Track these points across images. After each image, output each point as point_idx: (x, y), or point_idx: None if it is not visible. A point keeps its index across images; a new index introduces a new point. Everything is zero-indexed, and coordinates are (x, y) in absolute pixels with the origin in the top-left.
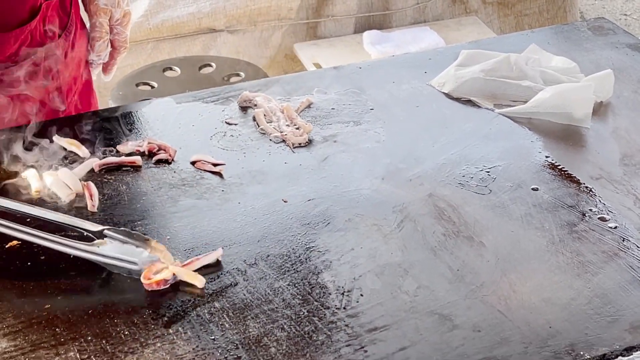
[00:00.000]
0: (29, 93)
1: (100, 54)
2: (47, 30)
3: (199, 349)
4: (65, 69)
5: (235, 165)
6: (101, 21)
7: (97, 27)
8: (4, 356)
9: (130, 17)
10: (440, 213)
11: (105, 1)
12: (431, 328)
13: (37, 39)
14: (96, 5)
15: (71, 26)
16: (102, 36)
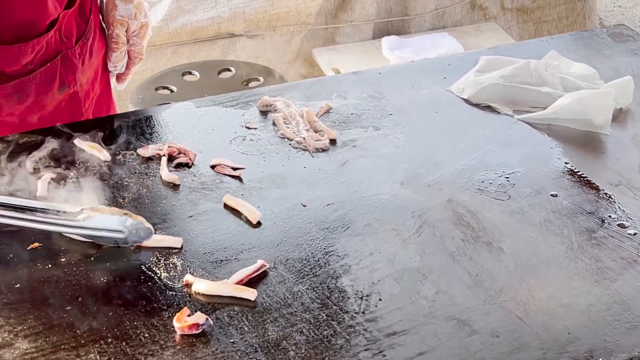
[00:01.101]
0: (46, 100)
1: (117, 64)
2: (63, 38)
3: (218, 352)
4: (82, 75)
5: (255, 169)
6: (118, 32)
7: (114, 38)
8: (24, 357)
9: (147, 29)
10: (459, 218)
11: (122, 13)
12: (450, 333)
13: (52, 47)
14: (113, 17)
15: (89, 33)
16: (119, 47)
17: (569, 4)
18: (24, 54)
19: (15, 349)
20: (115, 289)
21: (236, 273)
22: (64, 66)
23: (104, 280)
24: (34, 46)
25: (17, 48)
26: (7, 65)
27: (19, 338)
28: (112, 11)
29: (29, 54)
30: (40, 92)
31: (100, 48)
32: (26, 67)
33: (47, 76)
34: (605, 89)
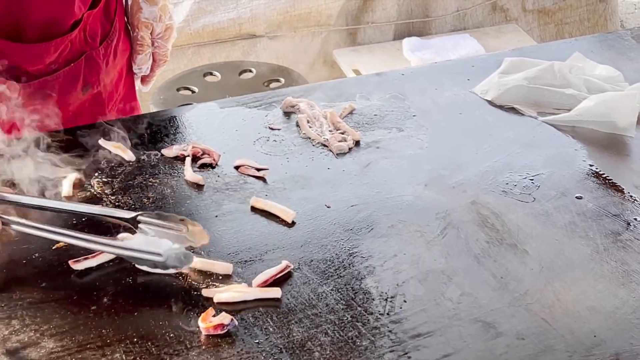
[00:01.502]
0: (69, 100)
1: (142, 66)
2: (87, 38)
3: (244, 352)
4: (106, 76)
5: (279, 170)
6: (143, 35)
7: (139, 40)
8: (51, 356)
9: (172, 32)
10: (483, 220)
11: (147, 15)
12: (475, 335)
13: (76, 47)
14: (138, 19)
15: (113, 34)
16: (144, 49)
17: (591, 6)
18: (47, 53)
19: (41, 348)
20: (141, 289)
21: (260, 274)
22: (88, 67)
23: (130, 280)
24: (58, 45)
25: (41, 47)
26: (30, 64)
27: (45, 337)
28: (137, 13)
29: (53, 53)
30: (63, 92)
31: (124, 49)
32: (50, 67)
33: (70, 76)
34: (629, 91)
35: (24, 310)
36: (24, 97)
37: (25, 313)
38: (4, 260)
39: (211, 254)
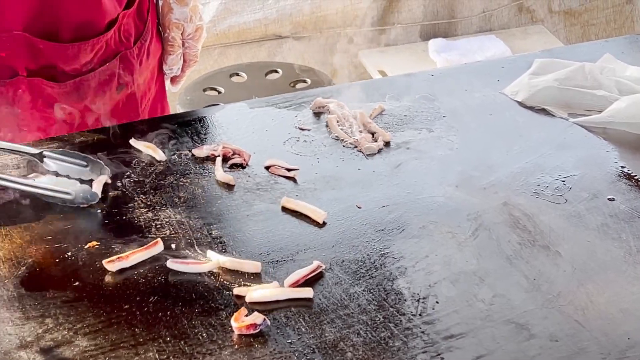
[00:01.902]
0: (104, 100)
1: (173, 67)
2: (122, 38)
3: (276, 352)
4: (140, 76)
5: (309, 170)
6: (174, 35)
7: (170, 41)
8: (84, 355)
9: (202, 32)
10: (515, 222)
11: (178, 16)
12: (508, 337)
13: (111, 47)
14: (169, 20)
15: (147, 34)
16: (175, 50)
17: (617, 7)
18: (83, 53)
19: (75, 346)
20: (173, 288)
21: (292, 274)
22: (123, 66)
23: (162, 279)
24: (93, 45)
25: (77, 47)
26: (66, 63)
27: (78, 336)
28: (168, 14)
29: (89, 53)
30: (98, 92)
31: (157, 49)
32: (85, 66)
33: (105, 76)
34: None
35: (58, 309)
36: (60, 97)
37: (58, 312)
38: (37, 259)
39: (242, 253)
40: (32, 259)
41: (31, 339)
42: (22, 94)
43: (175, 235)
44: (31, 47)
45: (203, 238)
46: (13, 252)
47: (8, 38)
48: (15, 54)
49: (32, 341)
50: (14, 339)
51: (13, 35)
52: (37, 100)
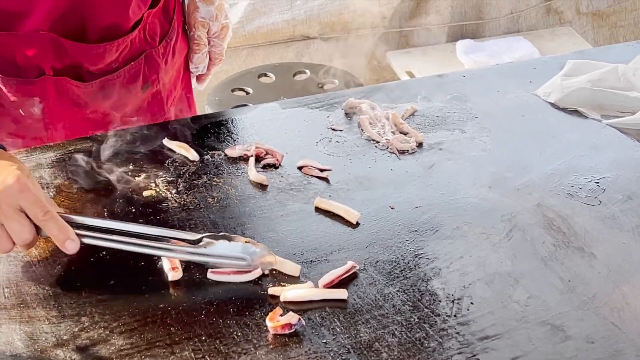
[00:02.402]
0: (129, 99)
1: (199, 65)
2: (147, 37)
3: (311, 352)
4: (165, 75)
5: (342, 171)
6: (199, 34)
7: (196, 39)
8: (120, 353)
9: (228, 31)
10: (549, 223)
11: (204, 14)
12: (543, 338)
13: (136, 46)
14: (195, 18)
15: (172, 33)
16: (200, 49)
17: None
18: (109, 53)
19: (111, 345)
20: (208, 288)
21: (327, 274)
22: (148, 65)
23: (197, 278)
24: (119, 45)
25: (103, 47)
26: (92, 63)
27: (114, 334)
28: (193, 13)
29: (114, 53)
30: (124, 90)
31: (182, 48)
32: (111, 66)
33: (131, 75)
34: None
35: (93, 308)
36: (86, 96)
37: (94, 310)
38: (72, 258)
39: (276, 254)
40: (67, 258)
41: (67, 338)
42: (49, 93)
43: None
44: (57, 46)
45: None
46: (49, 251)
47: (35, 37)
48: (42, 54)
49: (68, 340)
50: (50, 337)
51: (40, 34)
52: (63, 99)
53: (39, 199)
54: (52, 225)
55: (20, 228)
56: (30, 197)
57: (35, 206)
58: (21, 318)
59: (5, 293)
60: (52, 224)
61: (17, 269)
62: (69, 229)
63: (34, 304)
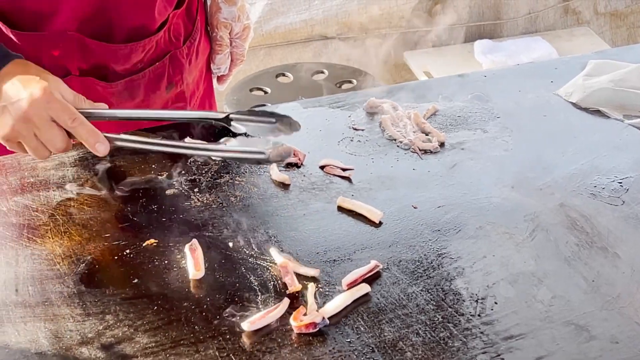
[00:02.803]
0: (153, 98)
1: (221, 66)
2: (172, 38)
3: (335, 351)
4: (189, 75)
5: (364, 170)
6: (222, 35)
7: (218, 40)
8: (145, 351)
9: (249, 32)
10: (572, 223)
11: (226, 15)
12: (568, 338)
13: (161, 47)
14: (217, 19)
15: (196, 34)
16: (222, 49)
17: None
18: (135, 53)
19: (135, 343)
20: (232, 286)
21: (350, 273)
22: (172, 65)
23: (222, 277)
24: (145, 46)
25: (129, 47)
26: (118, 63)
27: (138, 332)
28: (216, 14)
29: (140, 53)
30: (148, 91)
31: (205, 48)
32: (136, 66)
33: (155, 75)
34: None
35: (117, 306)
36: (111, 96)
37: (118, 308)
38: (96, 256)
39: (299, 252)
40: (91, 256)
41: (92, 335)
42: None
43: (232, 234)
44: (84, 47)
45: (260, 237)
46: (72, 249)
47: (62, 38)
48: (68, 54)
49: (93, 337)
50: (75, 335)
51: (67, 35)
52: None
53: (67, 107)
54: (82, 130)
55: (52, 137)
56: (58, 106)
57: (64, 114)
58: (46, 316)
59: (29, 291)
60: (82, 129)
61: (41, 267)
62: (98, 132)
63: (58, 302)
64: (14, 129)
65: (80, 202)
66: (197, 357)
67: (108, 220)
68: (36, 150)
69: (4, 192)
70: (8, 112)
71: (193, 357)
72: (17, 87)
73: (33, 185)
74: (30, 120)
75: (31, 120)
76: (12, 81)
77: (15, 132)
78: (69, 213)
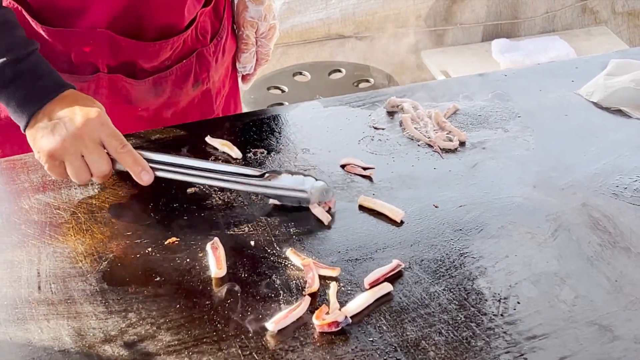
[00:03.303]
0: (180, 96)
1: (247, 65)
2: (199, 36)
3: (358, 350)
4: (215, 73)
5: (385, 169)
6: (248, 34)
7: (244, 39)
8: (168, 349)
9: (275, 31)
10: (595, 223)
11: (253, 14)
12: (591, 338)
13: (189, 44)
14: (244, 18)
15: (222, 32)
16: (248, 48)
17: None
18: (163, 51)
19: (158, 341)
20: (254, 285)
21: (372, 272)
22: (199, 63)
23: (244, 276)
24: (174, 43)
25: (158, 45)
26: (146, 61)
27: (161, 330)
28: (242, 12)
29: (168, 51)
30: (175, 88)
31: (231, 47)
32: (164, 63)
33: (182, 72)
34: None
35: (140, 304)
36: (138, 93)
37: (141, 306)
38: (118, 254)
39: (321, 251)
40: (113, 254)
41: (115, 333)
42: (102, 90)
43: (254, 232)
44: (113, 44)
45: (281, 235)
46: (94, 247)
47: (92, 35)
48: (98, 51)
49: (115, 335)
50: (98, 333)
51: (97, 32)
52: (115, 96)
53: (117, 133)
54: (129, 157)
55: (98, 159)
56: (110, 131)
57: (115, 139)
58: (68, 313)
59: (52, 288)
60: (129, 156)
61: (64, 264)
62: (144, 161)
63: (81, 300)
64: (63, 144)
65: (102, 200)
66: (219, 356)
67: (129, 218)
68: (78, 170)
69: (25, 190)
70: (61, 128)
71: (216, 355)
72: (73, 107)
73: (55, 183)
74: (81, 138)
75: (82, 139)
76: (68, 103)
77: (63, 149)
78: (91, 211)
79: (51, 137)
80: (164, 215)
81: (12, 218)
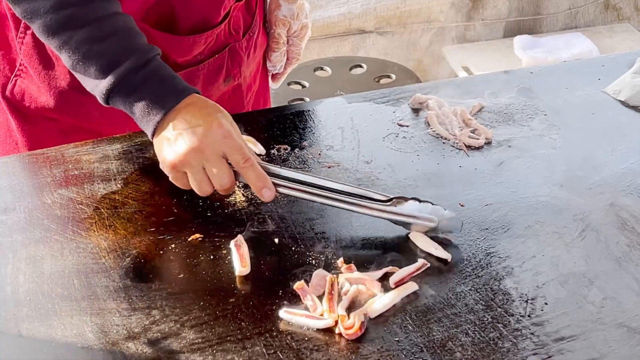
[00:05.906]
0: (211, 91)
1: (277, 64)
2: (232, 31)
3: (384, 350)
4: (247, 68)
5: (410, 167)
6: (280, 32)
7: (276, 37)
8: (192, 347)
9: (307, 31)
10: (623, 223)
11: (285, 13)
12: (620, 340)
13: (221, 39)
14: (276, 16)
15: (254, 27)
16: (279, 47)
17: None
18: (197, 45)
19: (182, 338)
20: (279, 282)
21: (398, 272)
22: (231, 58)
23: (267, 274)
24: (207, 38)
25: (192, 39)
26: (180, 55)
27: (185, 328)
28: (275, 10)
29: (202, 45)
30: (207, 83)
31: (262, 43)
32: (196, 58)
33: (214, 67)
34: None
35: (164, 301)
36: None
37: (164, 303)
38: (141, 250)
39: (347, 248)
40: (136, 251)
41: (138, 330)
42: None
43: (278, 230)
44: (147, 37)
45: (306, 233)
46: (117, 243)
47: None
48: None
49: (139, 332)
50: (122, 330)
51: None
52: None
53: (241, 146)
54: (252, 172)
55: (220, 172)
56: (233, 143)
57: (237, 153)
58: (92, 310)
59: (75, 284)
60: (252, 171)
61: (87, 260)
62: (267, 177)
63: (104, 296)
64: (185, 157)
65: (125, 195)
66: (243, 354)
67: (152, 214)
68: (200, 183)
69: (48, 185)
70: (183, 140)
71: (240, 353)
72: (197, 117)
73: (77, 178)
74: (202, 151)
75: (203, 152)
76: (192, 112)
77: (185, 161)
78: (114, 206)
79: (174, 149)
80: (187, 212)
81: (35, 213)
